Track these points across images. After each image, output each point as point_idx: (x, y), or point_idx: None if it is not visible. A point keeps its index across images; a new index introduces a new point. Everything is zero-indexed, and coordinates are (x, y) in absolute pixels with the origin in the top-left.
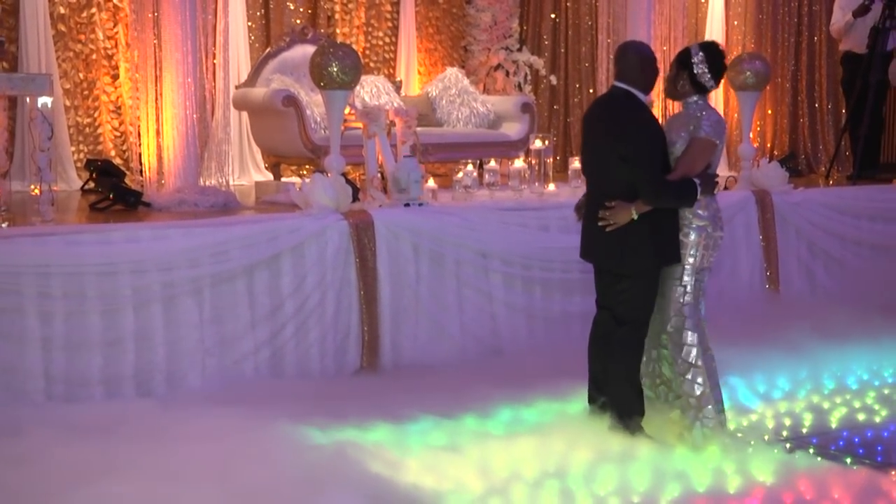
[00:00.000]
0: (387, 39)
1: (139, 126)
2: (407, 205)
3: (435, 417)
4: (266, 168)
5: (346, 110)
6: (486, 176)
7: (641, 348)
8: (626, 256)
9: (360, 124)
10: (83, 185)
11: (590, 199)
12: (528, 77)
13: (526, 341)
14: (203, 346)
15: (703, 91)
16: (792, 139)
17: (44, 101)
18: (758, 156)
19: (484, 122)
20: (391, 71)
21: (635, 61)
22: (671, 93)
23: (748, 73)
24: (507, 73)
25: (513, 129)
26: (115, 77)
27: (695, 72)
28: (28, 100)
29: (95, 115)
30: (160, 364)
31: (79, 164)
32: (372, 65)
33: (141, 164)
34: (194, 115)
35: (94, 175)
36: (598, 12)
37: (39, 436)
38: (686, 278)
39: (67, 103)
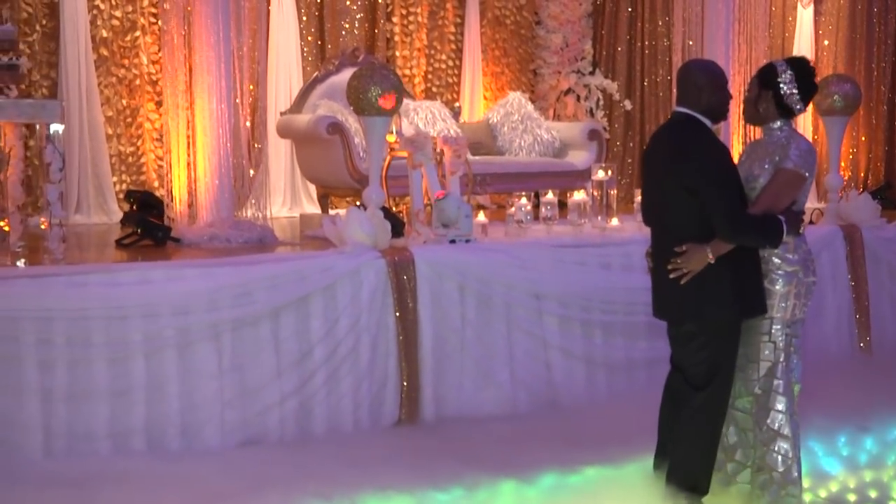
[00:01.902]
0: (450, 63)
1: (170, 156)
2: (452, 241)
3: (468, 484)
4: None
5: (392, 138)
6: (543, 209)
7: (722, 419)
8: (702, 307)
9: (405, 153)
10: (123, 218)
11: (656, 248)
12: (601, 102)
13: (584, 392)
14: (222, 396)
15: (790, 115)
16: (888, 168)
17: (55, 129)
18: (848, 186)
19: (549, 151)
20: (454, 96)
21: (699, 82)
22: (751, 116)
23: (836, 96)
24: (579, 98)
25: (579, 158)
26: (160, 104)
27: (781, 92)
28: (38, 127)
29: (139, 143)
30: (173, 417)
31: (121, 196)
32: (434, 89)
33: (172, 196)
34: (228, 144)
35: (133, 207)
36: (674, 32)
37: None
38: (776, 333)
39: (110, 131)
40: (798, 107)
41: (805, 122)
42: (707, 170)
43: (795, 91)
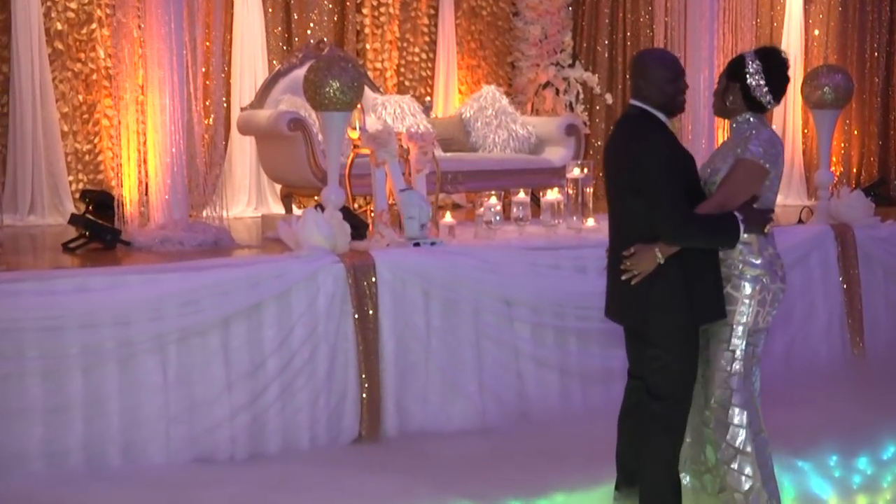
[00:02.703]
0: (423, 56)
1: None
2: (417, 244)
3: None
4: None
5: (355, 134)
6: (514, 209)
7: (679, 430)
8: (652, 313)
9: (368, 150)
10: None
11: (610, 246)
12: (581, 96)
13: (558, 405)
14: (167, 412)
15: (759, 109)
16: (882, 163)
17: None
18: (840, 183)
19: (524, 147)
20: (427, 90)
21: (651, 73)
22: (719, 109)
23: (826, 88)
24: (558, 92)
25: (557, 155)
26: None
27: (748, 83)
28: None
29: (96, 140)
30: (114, 434)
31: (77, 195)
32: (407, 83)
33: (123, 196)
34: (181, 142)
35: (90, 207)
36: (656, 22)
37: None
38: (735, 341)
39: (65, 128)
40: (767, 99)
41: (795, 116)
42: (648, 168)
43: (763, 83)
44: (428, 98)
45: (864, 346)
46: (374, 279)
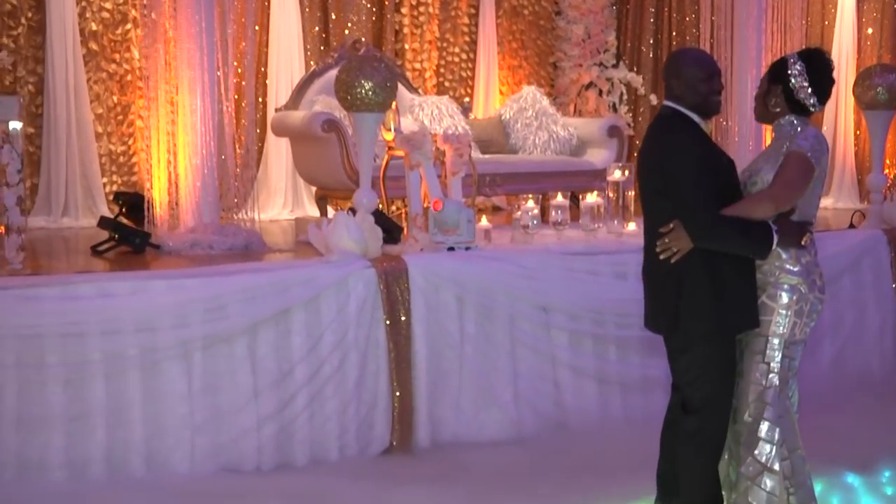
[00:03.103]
0: (463, 56)
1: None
2: (451, 248)
3: None
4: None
5: (390, 136)
6: (553, 213)
7: (714, 445)
8: (680, 319)
9: (402, 152)
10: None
11: (645, 252)
12: (625, 97)
13: (596, 414)
14: (192, 421)
15: (803, 112)
16: None
17: (13, 126)
18: (894, 186)
19: (565, 149)
20: (468, 91)
21: (684, 73)
22: (761, 114)
23: (879, 88)
24: (601, 93)
25: (599, 157)
26: (169, 101)
27: (791, 86)
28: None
29: (130, 142)
30: (137, 443)
31: (111, 198)
32: (447, 84)
33: (153, 199)
34: (212, 143)
35: (123, 210)
36: (702, 21)
37: None
38: (770, 353)
39: (100, 129)
40: (811, 102)
41: (847, 117)
42: (675, 168)
43: (806, 84)
44: (467, 99)
45: None
46: (406, 285)
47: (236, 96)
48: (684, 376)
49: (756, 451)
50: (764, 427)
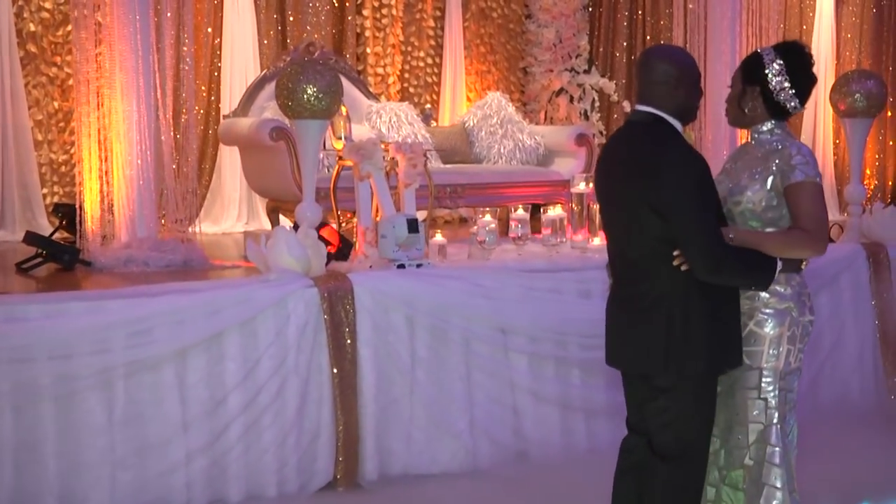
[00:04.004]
0: (429, 60)
1: (81, 166)
2: (401, 266)
3: None
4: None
5: (339, 145)
6: (513, 227)
7: (696, 493)
8: (671, 358)
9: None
10: (50, 234)
11: (614, 275)
12: (597, 104)
13: (559, 443)
14: (112, 456)
15: (783, 115)
16: None
17: None
18: (873, 198)
19: (532, 158)
20: (434, 97)
21: (670, 74)
22: (735, 117)
23: (858, 95)
24: (572, 99)
25: (566, 167)
26: (100, 105)
27: (769, 86)
28: None
29: (72, 150)
30: (51, 481)
31: (51, 209)
32: (412, 90)
33: (82, 212)
34: (148, 152)
35: (63, 223)
36: (675, 24)
37: None
38: (766, 387)
39: (39, 137)
40: (792, 104)
41: (825, 125)
42: (681, 189)
43: (788, 85)
44: (428, 105)
45: None
46: (352, 305)
47: (185, 102)
48: (659, 418)
49: (762, 499)
50: (769, 471)
